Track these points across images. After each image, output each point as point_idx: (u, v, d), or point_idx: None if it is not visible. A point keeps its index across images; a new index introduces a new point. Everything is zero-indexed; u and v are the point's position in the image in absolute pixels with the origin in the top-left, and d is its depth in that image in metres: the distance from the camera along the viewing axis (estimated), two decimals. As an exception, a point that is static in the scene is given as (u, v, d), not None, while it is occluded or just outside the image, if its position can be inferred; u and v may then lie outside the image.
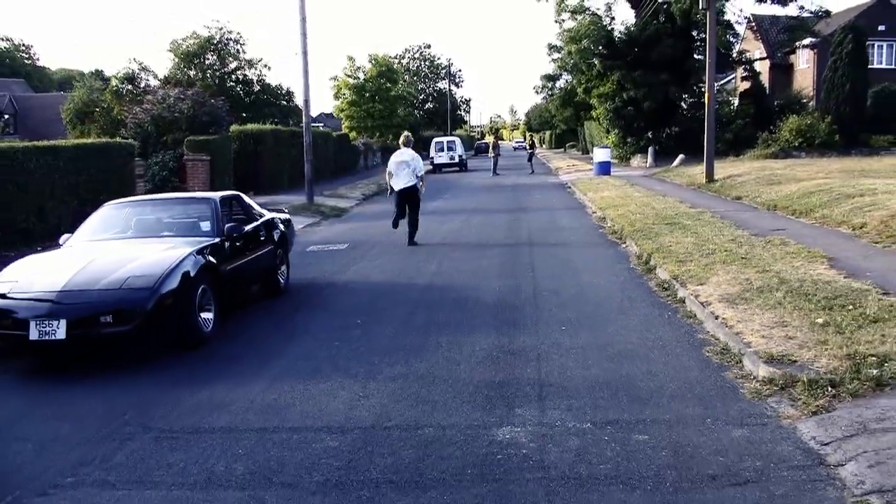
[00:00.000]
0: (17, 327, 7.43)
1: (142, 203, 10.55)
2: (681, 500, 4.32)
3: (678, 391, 6.07)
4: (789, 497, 4.28)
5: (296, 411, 6.07)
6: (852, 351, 6.19)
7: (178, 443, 5.55)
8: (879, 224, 12.15)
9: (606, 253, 13.32)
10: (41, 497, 4.81)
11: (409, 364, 7.15)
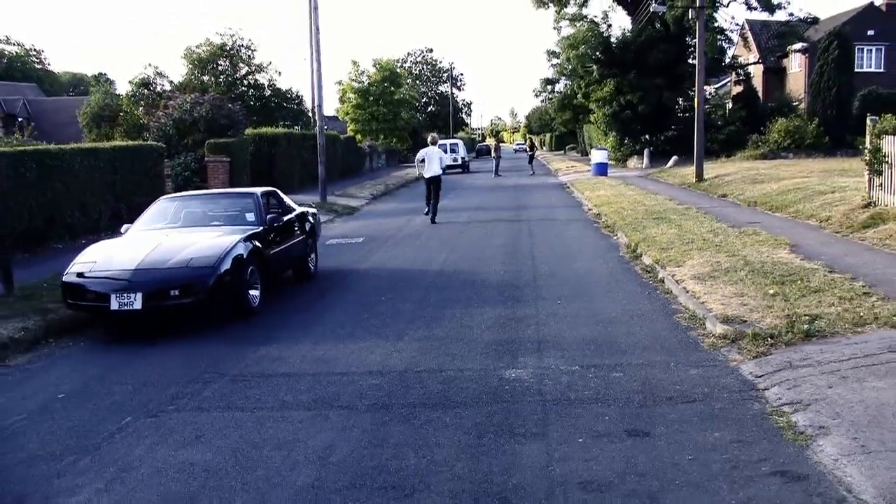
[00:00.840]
0: (100, 300, 8.88)
1: (192, 197, 12.03)
2: (644, 412, 5.75)
3: (650, 345, 7.52)
4: (725, 409, 5.72)
5: (341, 362, 7.51)
6: (791, 313, 7.64)
7: (250, 384, 6.99)
8: (842, 217, 13.59)
9: (599, 244, 14.76)
10: (152, 418, 6.24)
11: (429, 329, 8.60)
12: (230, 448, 5.46)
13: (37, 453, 5.60)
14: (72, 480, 5.08)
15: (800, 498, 4.32)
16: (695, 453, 4.95)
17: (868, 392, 5.61)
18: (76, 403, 6.74)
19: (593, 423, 5.56)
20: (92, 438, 5.82)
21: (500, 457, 5.06)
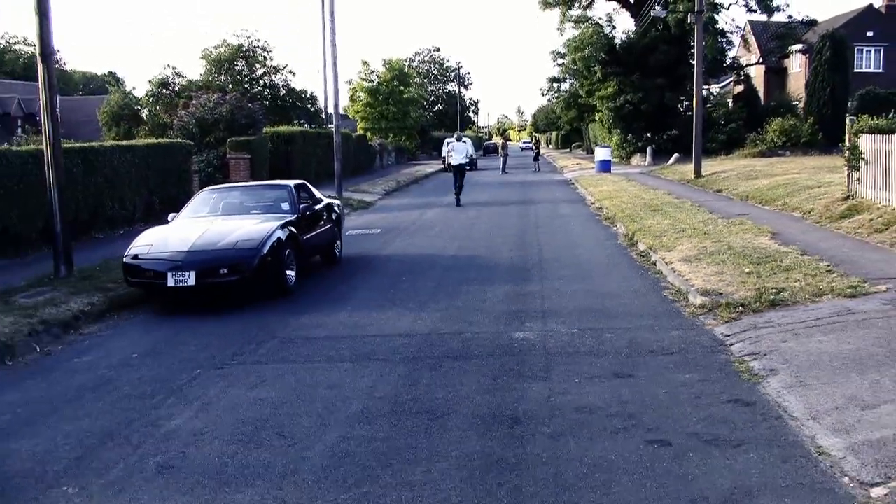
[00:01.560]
0: (158, 278, 10.14)
1: (231, 189, 13.30)
2: (629, 361, 6.98)
3: (639, 313, 8.75)
4: (696, 359, 6.95)
5: (374, 327, 8.76)
6: (761, 287, 8.86)
7: (298, 344, 8.24)
8: (822, 209, 14.79)
9: (600, 233, 15.99)
10: (219, 370, 7.48)
11: (448, 302, 9.84)
12: (290, 388, 6.71)
13: (132, 394, 6.85)
14: (167, 411, 6.33)
15: (747, 416, 5.55)
16: (668, 388, 6.18)
17: (813, 344, 6.83)
18: (150, 361, 7.98)
19: (587, 369, 6.79)
20: (173, 383, 7.07)
21: (511, 392, 6.29)
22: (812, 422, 5.27)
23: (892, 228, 11.94)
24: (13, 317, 9.28)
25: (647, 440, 5.18)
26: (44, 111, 11.71)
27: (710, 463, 4.79)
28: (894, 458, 4.55)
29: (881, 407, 5.30)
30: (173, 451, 5.43)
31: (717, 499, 4.33)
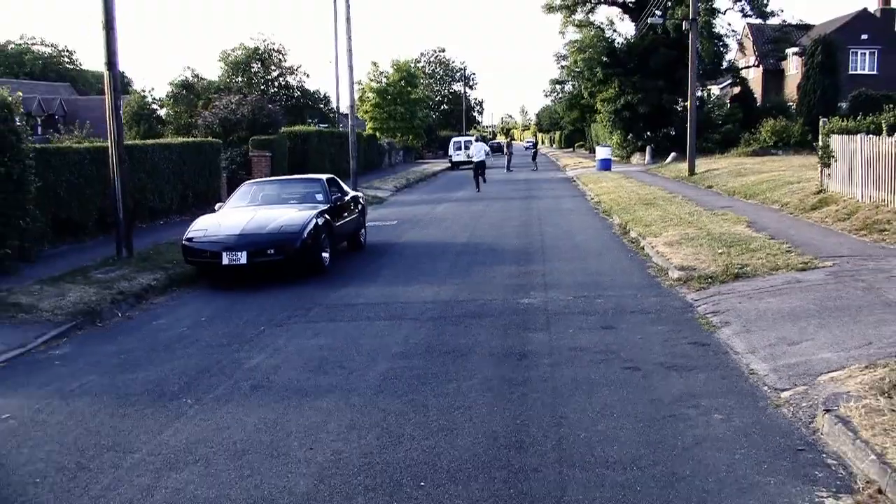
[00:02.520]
0: (214, 257, 11.79)
1: (269, 182, 14.97)
2: (614, 318, 8.62)
3: (625, 285, 10.40)
4: (668, 316, 8.59)
5: (402, 297, 10.42)
6: (729, 263, 10.50)
7: (340, 309, 9.89)
8: (798, 201, 16.42)
9: (597, 224, 17.64)
10: (279, 327, 9.13)
11: (463, 278, 11.50)
12: (342, 337, 8.37)
13: (212, 344, 8.51)
14: (245, 354, 7.99)
15: (701, 352, 7.20)
16: (643, 335, 7.84)
17: (762, 304, 8.48)
18: (218, 322, 9.64)
19: (580, 324, 8.45)
20: (244, 336, 8.73)
21: (518, 339, 7.95)
22: (749, 354, 6.91)
23: (853, 217, 13.57)
24: (95, 288, 10.98)
25: (622, 367, 6.84)
26: (109, 113, 13.40)
27: (668, 380, 6.44)
28: (801, 374, 6.19)
29: (801, 343, 6.95)
30: (259, 378, 7.09)
31: (669, 399, 5.98)
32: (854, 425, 4.94)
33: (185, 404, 6.45)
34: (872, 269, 9.68)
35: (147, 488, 4.87)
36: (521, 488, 4.59)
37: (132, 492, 4.83)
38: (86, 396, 6.86)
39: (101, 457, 5.44)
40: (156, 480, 4.98)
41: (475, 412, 5.89)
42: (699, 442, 5.16)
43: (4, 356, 8.35)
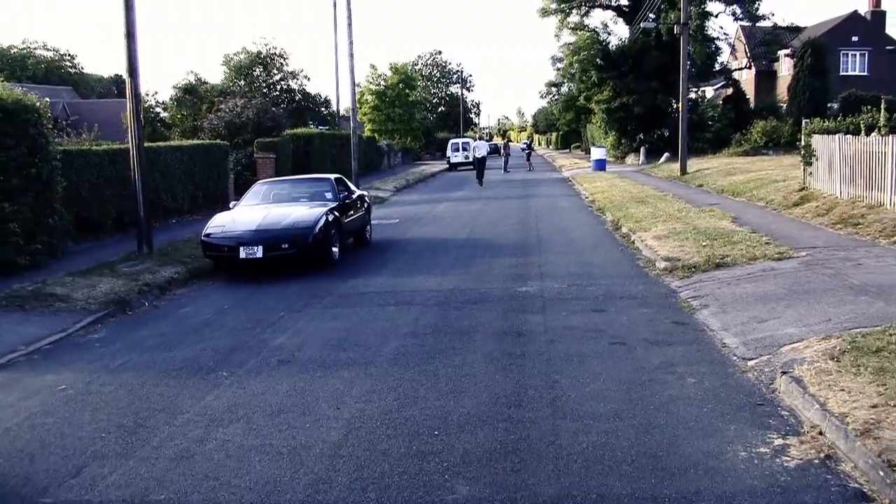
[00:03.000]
0: (232, 251, 12.60)
1: (280, 181, 15.80)
2: (604, 302, 9.46)
3: (615, 275, 11.25)
4: (653, 300, 9.43)
5: (409, 286, 11.25)
6: (712, 254, 11.34)
7: (352, 297, 10.72)
8: (781, 198, 17.27)
9: (590, 221, 18.49)
10: (297, 312, 9.95)
11: (465, 270, 12.33)
12: (356, 320, 9.20)
13: (237, 327, 9.33)
14: (270, 335, 8.80)
15: (680, 329, 8.04)
16: (629, 316, 8.68)
17: (738, 289, 9.33)
18: (240, 309, 10.46)
19: (572, 307, 9.28)
20: (266, 321, 9.54)
21: (516, 320, 8.78)
22: (723, 331, 7.76)
23: (831, 213, 14.43)
24: (123, 280, 11.80)
25: (610, 342, 7.68)
26: (130, 117, 14.21)
27: (650, 352, 7.28)
28: (766, 346, 7.03)
29: (769, 321, 7.79)
30: (285, 354, 7.92)
31: (650, 367, 6.81)
32: (805, 383, 5.78)
33: (221, 376, 7.27)
34: (842, 258, 10.53)
35: (199, 439, 5.69)
36: (521, 435, 5.43)
37: (187, 442, 5.66)
38: (130, 371, 7.69)
39: (154, 417, 6.26)
40: (206, 433, 5.80)
41: (479, 379, 6.73)
42: (673, 400, 5.99)
43: (48, 339, 9.16)
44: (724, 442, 5.13)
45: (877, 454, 4.45)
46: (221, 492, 4.81)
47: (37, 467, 5.37)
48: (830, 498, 4.32)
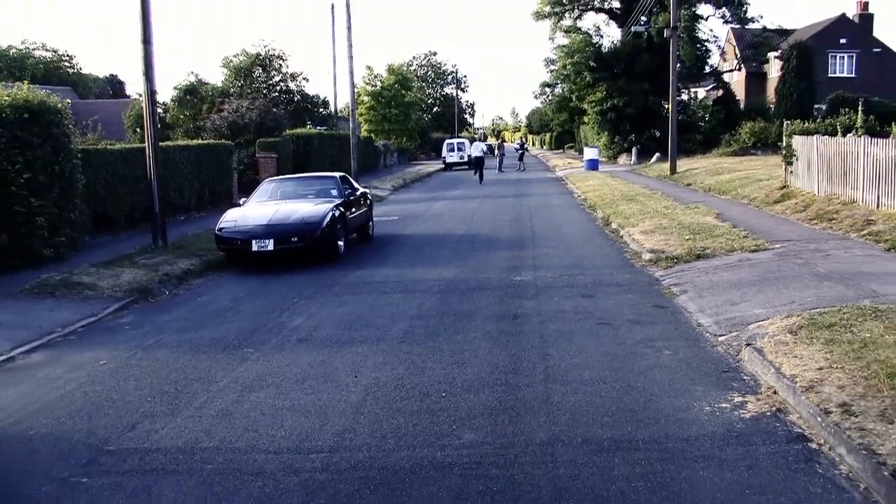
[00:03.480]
0: (244, 244, 13.41)
1: (288, 179, 16.61)
2: (593, 289, 10.30)
3: (604, 266, 12.10)
4: (637, 287, 10.29)
5: (412, 276, 12.08)
6: (693, 247, 12.20)
7: (359, 286, 11.54)
8: (764, 196, 18.15)
9: (582, 217, 19.35)
10: (310, 299, 10.76)
11: (463, 262, 13.16)
12: (365, 306, 10.02)
13: (256, 312, 10.14)
14: (286, 318, 9.61)
15: (661, 312, 8.88)
16: (615, 301, 9.53)
17: (715, 277, 10.18)
18: (255, 297, 11.26)
19: (564, 294, 10.13)
20: (281, 307, 10.35)
21: (512, 304, 9.62)
22: (699, 313, 8.60)
23: (808, 209, 15.30)
24: (143, 271, 12.60)
25: (596, 322, 8.52)
26: (146, 119, 15.00)
27: (633, 330, 8.12)
28: (736, 324, 7.87)
29: (740, 304, 8.64)
30: (303, 334, 8.74)
31: (632, 342, 7.66)
32: (765, 352, 6.63)
33: (247, 352, 8.09)
34: (812, 249, 11.40)
35: (235, 401, 6.51)
36: (517, 395, 6.26)
37: (224, 403, 6.47)
38: (163, 349, 8.50)
39: (191, 385, 7.07)
40: (240, 397, 6.62)
41: (480, 352, 7.56)
42: (651, 368, 6.84)
43: (81, 323, 9.96)
44: (692, 400, 5.98)
45: (816, 405, 5.30)
46: (261, 441, 5.62)
47: (96, 424, 6.18)
48: (776, 440, 5.16)
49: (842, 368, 5.85)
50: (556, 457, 5.04)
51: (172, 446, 5.62)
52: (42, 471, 5.33)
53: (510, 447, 5.24)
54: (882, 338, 6.47)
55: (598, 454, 5.04)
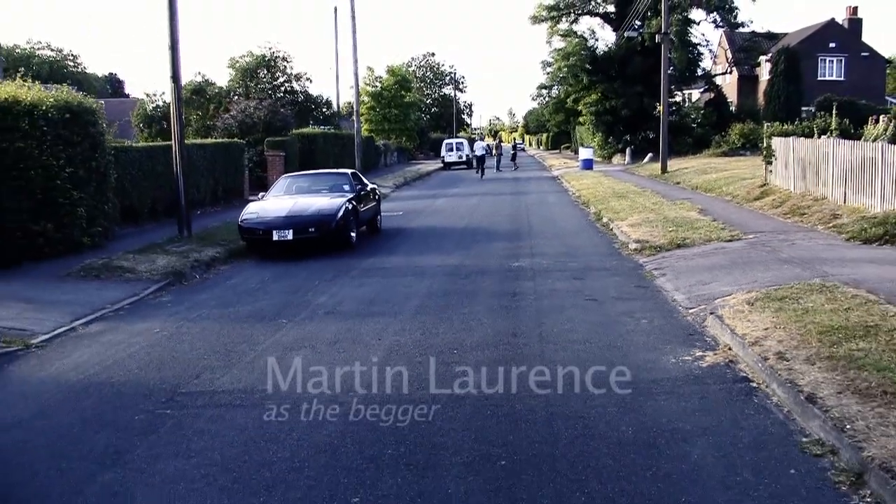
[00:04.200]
0: (266, 234, 14.65)
1: (304, 175, 17.89)
2: (582, 273, 11.57)
3: (594, 254, 13.39)
4: (622, 271, 11.57)
5: (420, 262, 13.34)
6: (675, 237, 13.48)
7: (373, 271, 12.80)
8: (745, 193, 19.45)
9: (575, 213, 20.64)
10: (329, 281, 12.01)
11: (466, 251, 14.43)
12: (381, 286, 11.29)
13: (283, 291, 11.39)
14: (311, 297, 10.86)
15: (642, 290, 10.17)
16: (602, 282, 10.81)
17: (691, 262, 11.47)
18: (280, 280, 12.51)
19: (557, 277, 11.40)
20: (305, 288, 11.59)
21: (511, 285, 10.89)
22: (675, 291, 9.88)
23: (784, 205, 16.60)
24: (175, 258, 13.84)
25: (585, 299, 9.80)
26: (174, 119, 16.26)
27: (616, 305, 9.41)
28: (704, 299, 9.14)
29: (710, 284, 9.92)
30: (329, 308, 10.00)
31: (614, 314, 8.93)
32: (724, 319, 7.91)
33: (281, 322, 9.34)
34: (781, 239, 12.70)
35: (279, 358, 7.75)
36: (517, 352, 7.53)
37: (271, 360, 7.72)
38: (207, 320, 9.75)
39: (238, 346, 8.32)
40: (283, 355, 7.87)
41: (484, 321, 8.83)
42: (629, 332, 8.11)
43: (126, 301, 11.19)
44: (661, 355, 7.25)
45: (758, 354, 6.57)
46: (291, 403, 6.87)
47: (165, 375, 7.43)
48: (725, 381, 6.44)
49: (783, 329, 7.13)
50: (550, 405, 6.27)
51: (234, 389, 6.88)
52: (132, 406, 6.58)
53: (510, 397, 6.50)
54: (822, 307, 7.75)
55: (584, 398, 6.29)
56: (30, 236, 13.14)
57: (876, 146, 13.51)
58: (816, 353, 6.34)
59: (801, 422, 5.42)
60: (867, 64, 54.15)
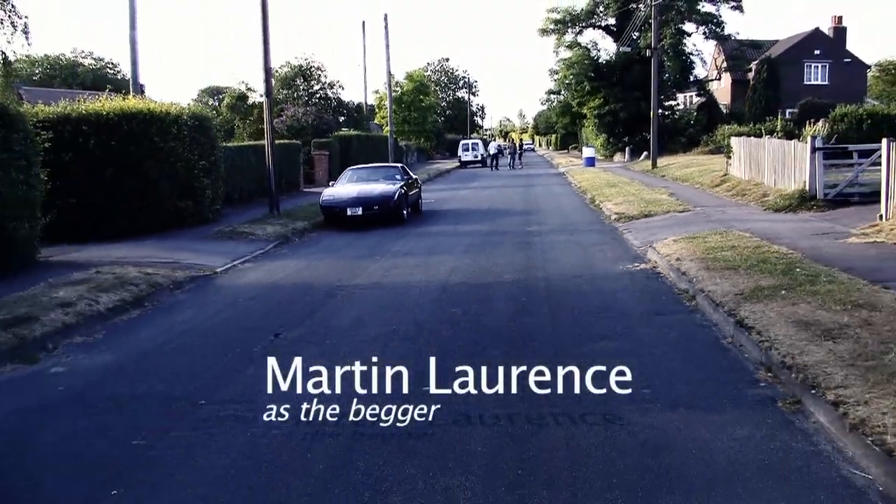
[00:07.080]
0: (342, 211, 19.74)
1: (363, 168, 23.02)
2: (574, 231, 16.62)
3: (585, 222, 18.49)
4: (603, 231, 16.64)
5: (458, 229, 18.42)
6: (643, 211, 18.52)
7: (424, 234, 17.85)
8: (710, 181, 24.46)
9: (575, 200, 25.71)
10: (395, 240, 17.06)
11: (491, 222, 19.51)
12: (434, 241, 16.34)
13: (366, 245, 16.43)
14: (388, 247, 15.88)
15: (612, 239, 15.26)
16: (587, 237, 15.88)
17: (650, 224, 16.50)
18: (361, 240, 17.52)
19: (556, 234, 16.47)
20: (381, 242, 16.61)
21: (525, 239, 15.95)
22: (633, 239, 14.89)
23: (734, 189, 21.58)
24: (278, 227, 18.93)
25: (574, 244, 14.87)
26: (267, 126, 21.39)
27: (593, 247, 14.47)
28: (649, 242, 14.14)
29: (657, 234, 14.91)
30: (403, 252, 15.05)
31: (592, 250, 14.00)
32: (656, 247, 12.94)
33: (376, 258, 14.41)
34: (718, 210, 17.71)
35: (383, 274, 12.76)
36: (530, 273, 12.53)
37: (379, 275, 12.74)
38: (326, 259, 14.84)
39: (353, 269, 13.36)
40: (385, 272, 12.90)
41: (508, 257, 13.87)
42: (598, 257, 13.16)
43: (257, 252, 16.19)
44: (613, 265, 12.30)
45: (666, 260, 11.61)
46: (409, 280, 11.93)
47: (321, 282, 12.49)
48: (647, 275, 11.49)
49: (686, 250, 12.17)
50: (549, 281, 11.33)
51: (366, 284, 11.95)
52: (314, 290, 11.65)
53: (527, 280, 11.58)
54: (715, 240, 12.80)
55: (568, 279, 11.36)
56: (178, 211, 18.25)
57: (790, 143, 18.49)
58: (698, 258, 11.38)
59: (678, 284, 10.48)
60: (849, 69, 58.80)
